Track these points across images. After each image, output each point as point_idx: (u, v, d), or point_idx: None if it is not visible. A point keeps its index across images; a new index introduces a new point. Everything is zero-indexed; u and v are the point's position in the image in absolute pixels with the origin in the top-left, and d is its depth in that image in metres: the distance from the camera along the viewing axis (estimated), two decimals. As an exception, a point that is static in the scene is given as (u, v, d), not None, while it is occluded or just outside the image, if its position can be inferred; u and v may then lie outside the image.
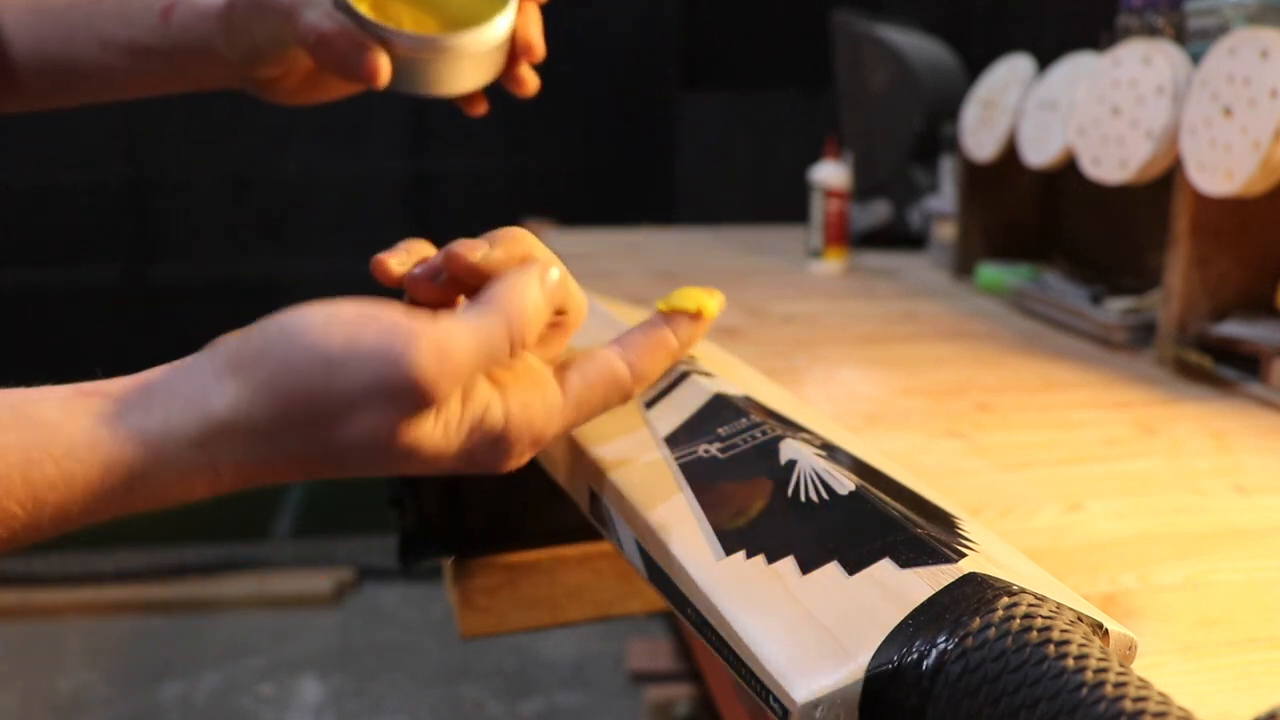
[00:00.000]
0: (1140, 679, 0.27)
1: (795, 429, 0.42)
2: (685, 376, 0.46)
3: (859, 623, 0.30)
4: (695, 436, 0.42)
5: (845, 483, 0.36)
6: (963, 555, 0.32)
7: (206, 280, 2.49)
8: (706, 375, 0.46)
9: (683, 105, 2.46)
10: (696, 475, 0.39)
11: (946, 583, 0.31)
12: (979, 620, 0.29)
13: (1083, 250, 1.19)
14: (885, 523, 0.34)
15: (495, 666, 1.97)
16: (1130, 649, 0.32)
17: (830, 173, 1.34)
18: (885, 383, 0.84)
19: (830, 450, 0.40)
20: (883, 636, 0.29)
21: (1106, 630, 0.31)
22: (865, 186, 1.56)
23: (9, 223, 2.40)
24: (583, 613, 0.60)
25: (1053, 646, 0.28)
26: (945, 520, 0.36)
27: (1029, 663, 0.27)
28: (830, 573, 0.32)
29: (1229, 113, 0.77)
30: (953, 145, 1.30)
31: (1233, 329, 0.82)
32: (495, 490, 0.59)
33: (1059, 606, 0.30)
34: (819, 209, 1.34)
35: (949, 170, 1.35)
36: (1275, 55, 0.73)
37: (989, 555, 0.33)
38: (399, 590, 2.23)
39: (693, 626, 0.35)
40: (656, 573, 0.37)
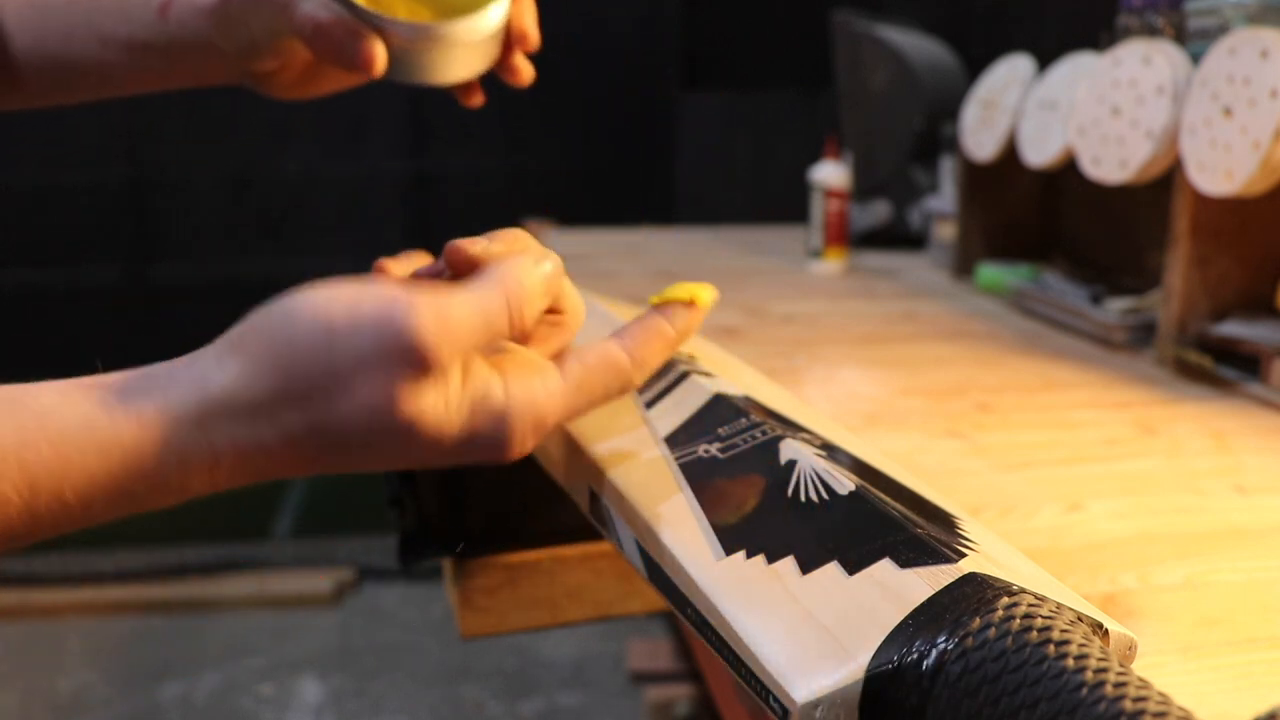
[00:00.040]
0: (1140, 679, 0.27)
1: (795, 429, 0.42)
2: (685, 376, 0.46)
3: (859, 623, 0.30)
4: (695, 436, 0.42)
5: (845, 483, 0.36)
6: (963, 555, 0.32)
7: (206, 280, 2.49)
8: (706, 375, 0.46)
9: (683, 105, 2.46)
10: (696, 475, 0.39)
11: (946, 583, 0.31)
12: (979, 620, 0.29)
13: (1083, 250, 1.19)
14: (885, 523, 0.34)
15: (495, 666, 1.97)
16: (1130, 649, 0.32)
17: (830, 173, 1.34)
18: (885, 383, 0.84)
19: (830, 450, 0.40)
20: (883, 636, 0.29)
21: (1106, 630, 0.31)
22: (865, 186, 1.56)
23: (9, 223, 2.40)
24: (583, 613, 0.60)
25: (1053, 646, 0.28)
26: (945, 520, 0.36)
27: (1029, 663, 0.27)
28: (830, 573, 0.32)
29: (1229, 113, 0.77)
30: (953, 145, 1.30)
31: (1233, 329, 0.82)
32: (495, 490, 0.59)
33: (1059, 606, 0.30)
34: (819, 209, 1.34)
35: (949, 170, 1.35)
36: (1275, 55, 0.73)
37: (989, 555, 0.33)
38: (399, 590, 2.23)
39: (693, 626, 0.35)
40: (656, 573, 0.37)
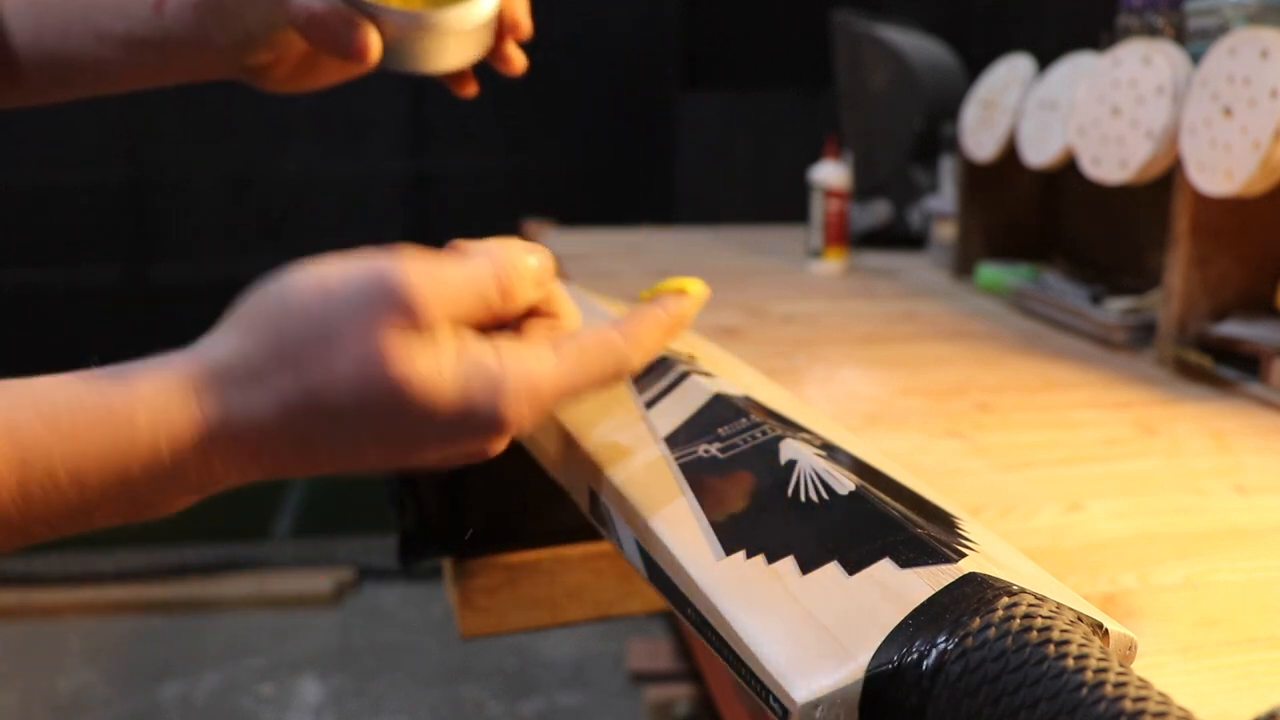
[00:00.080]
0: (1140, 679, 0.27)
1: (795, 429, 0.42)
2: (685, 376, 0.46)
3: (859, 623, 0.30)
4: (695, 436, 0.42)
5: (845, 483, 0.36)
6: (963, 555, 0.32)
7: (206, 280, 2.49)
8: (706, 375, 0.46)
9: (683, 105, 2.46)
10: (696, 475, 0.39)
11: (946, 583, 0.31)
12: (979, 620, 0.29)
13: (1083, 250, 1.19)
14: (885, 523, 0.34)
15: (495, 666, 1.97)
16: (1130, 649, 0.32)
17: (830, 173, 1.34)
18: (885, 383, 0.84)
19: (830, 450, 0.40)
20: (883, 636, 0.29)
21: (1106, 630, 0.31)
22: (865, 186, 1.56)
23: (9, 223, 2.40)
24: (583, 613, 0.60)
25: (1053, 646, 0.28)
26: (945, 520, 0.36)
27: (1029, 663, 0.27)
28: (830, 573, 0.32)
29: (1229, 113, 0.77)
30: (953, 145, 1.30)
31: (1233, 329, 0.82)
32: (495, 490, 0.59)
33: (1059, 606, 0.30)
34: (819, 209, 1.34)
35: (949, 170, 1.35)
36: (1275, 55, 0.73)
37: (989, 555, 0.33)
38: (399, 590, 2.23)
39: (693, 626, 0.35)
40: (656, 573, 0.37)
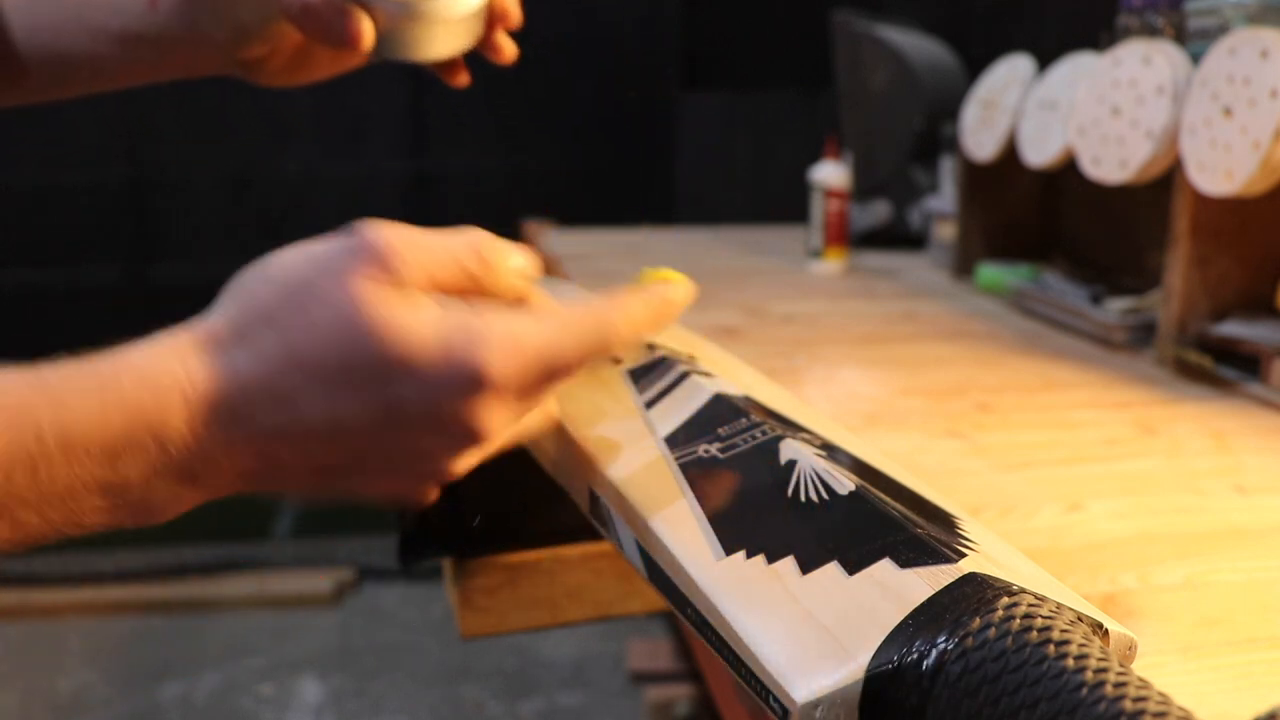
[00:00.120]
0: (1140, 679, 0.27)
1: (795, 429, 0.42)
2: (685, 376, 0.46)
3: (859, 623, 0.30)
4: (695, 436, 0.42)
5: (845, 483, 0.36)
6: (963, 555, 0.32)
7: (206, 280, 2.46)
8: (706, 375, 0.46)
9: (683, 105, 2.46)
10: (696, 475, 0.39)
11: (946, 583, 0.31)
12: (979, 620, 0.29)
13: (1083, 250, 1.19)
14: (885, 523, 0.34)
15: (495, 666, 1.97)
16: (1130, 649, 0.32)
17: (830, 173, 1.34)
18: (885, 383, 0.84)
19: (830, 450, 0.40)
20: (883, 636, 0.29)
21: (1106, 630, 0.31)
22: (865, 186, 1.56)
23: (9, 223, 2.39)
24: (583, 613, 0.60)
25: (1053, 646, 0.28)
26: (945, 520, 0.36)
27: (1029, 663, 0.27)
28: (830, 573, 0.32)
29: (1229, 113, 0.77)
30: (953, 145, 1.30)
31: (1233, 329, 0.82)
32: (495, 490, 0.59)
33: (1059, 606, 0.30)
34: (819, 209, 1.34)
35: (949, 170, 1.35)
36: (1275, 55, 0.73)
37: (989, 555, 0.33)
38: (399, 590, 2.23)
39: (693, 626, 0.35)
40: (656, 573, 0.37)
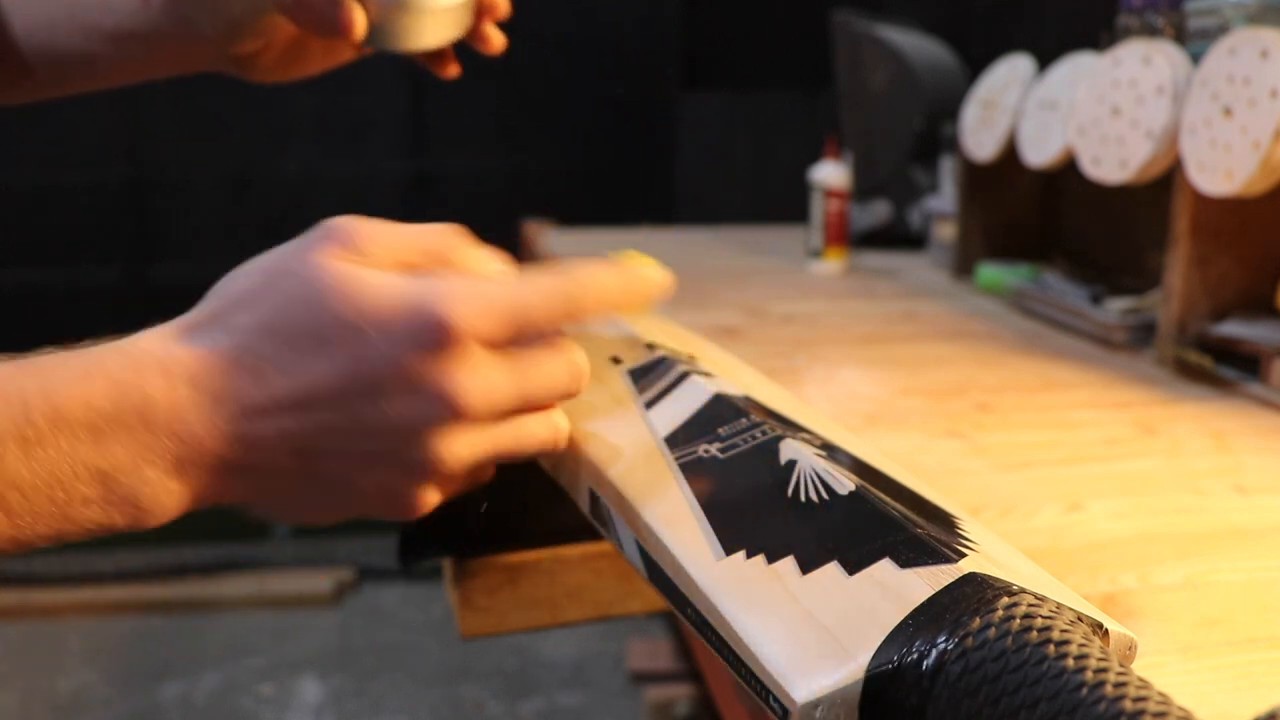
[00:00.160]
0: (1140, 679, 0.27)
1: (795, 429, 0.42)
2: (685, 376, 0.46)
3: (859, 623, 0.30)
4: (695, 436, 0.42)
5: (845, 483, 0.36)
6: (963, 555, 0.32)
7: (206, 280, 2.46)
8: (706, 375, 0.46)
9: (683, 105, 2.46)
10: (696, 475, 0.39)
11: (946, 583, 0.31)
12: (979, 620, 0.29)
13: (1083, 250, 1.19)
14: (885, 523, 0.34)
15: (495, 666, 1.97)
16: (1130, 649, 0.32)
17: (830, 173, 1.34)
18: (885, 383, 0.84)
19: (830, 450, 0.40)
20: (883, 636, 0.29)
21: (1106, 630, 0.31)
22: (865, 186, 1.56)
23: (9, 223, 2.39)
24: (583, 613, 0.60)
25: (1053, 646, 0.28)
26: (945, 520, 0.36)
27: (1029, 663, 0.27)
28: (830, 573, 0.32)
29: (1229, 113, 0.77)
30: (953, 145, 1.30)
31: (1233, 329, 0.82)
32: (495, 490, 0.59)
33: (1059, 606, 0.30)
34: (819, 209, 1.34)
35: (949, 170, 1.35)
36: (1275, 55, 0.73)
37: (989, 555, 0.33)
38: (399, 590, 2.23)
39: (693, 626, 0.35)
40: (656, 573, 0.37)
